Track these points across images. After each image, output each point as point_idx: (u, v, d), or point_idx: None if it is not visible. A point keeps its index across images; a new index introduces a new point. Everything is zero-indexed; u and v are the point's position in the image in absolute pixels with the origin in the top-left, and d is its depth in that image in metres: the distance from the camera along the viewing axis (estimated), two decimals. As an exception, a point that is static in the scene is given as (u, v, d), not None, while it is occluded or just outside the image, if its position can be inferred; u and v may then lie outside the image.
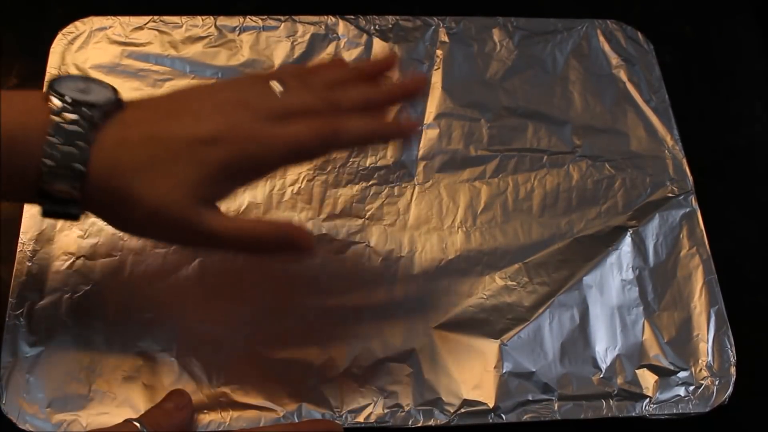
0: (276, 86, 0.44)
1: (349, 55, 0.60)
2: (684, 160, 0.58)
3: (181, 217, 0.40)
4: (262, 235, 0.42)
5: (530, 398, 0.48)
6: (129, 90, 0.56)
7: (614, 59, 0.62)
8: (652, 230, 0.54)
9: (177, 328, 0.48)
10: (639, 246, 0.54)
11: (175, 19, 0.59)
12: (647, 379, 0.49)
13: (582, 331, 0.50)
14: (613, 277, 0.52)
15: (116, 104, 0.41)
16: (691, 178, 0.57)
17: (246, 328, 0.49)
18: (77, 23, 0.58)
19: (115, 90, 0.41)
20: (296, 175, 0.54)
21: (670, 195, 0.56)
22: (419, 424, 0.47)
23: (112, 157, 0.39)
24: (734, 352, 0.50)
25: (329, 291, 0.51)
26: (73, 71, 0.56)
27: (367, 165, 0.56)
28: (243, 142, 0.41)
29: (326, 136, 0.43)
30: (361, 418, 0.47)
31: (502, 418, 0.47)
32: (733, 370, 0.50)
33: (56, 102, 0.39)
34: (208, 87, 0.45)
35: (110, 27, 0.59)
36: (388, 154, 0.56)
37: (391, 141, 0.51)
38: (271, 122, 0.42)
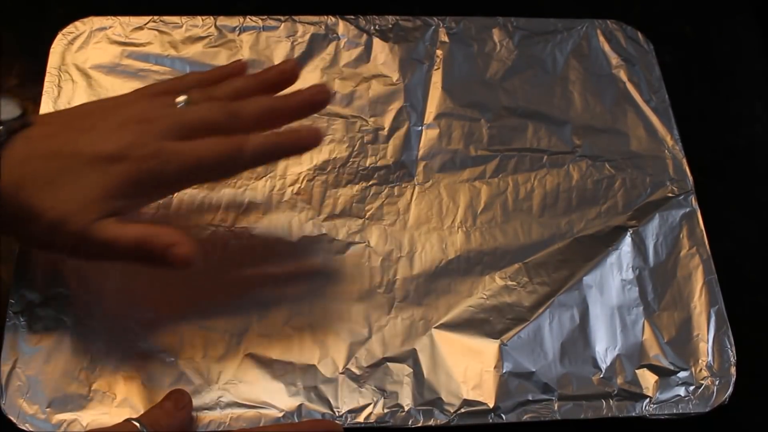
0: (180, 100, 0.45)
1: (349, 55, 0.60)
2: (684, 160, 0.58)
3: (80, 231, 0.41)
4: (148, 247, 0.42)
5: (530, 398, 0.48)
6: (129, 90, 0.56)
7: (614, 59, 0.62)
8: (652, 230, 0.54)
9: (177, 328, 0.48)
10: (639, 246, 0.54)
11: (175, 19, 0.59)
12: (647, 379, 0.49)
13: (582, 331, 0.50)
14: (613, 277, 0.52)
15: (22, 121, 0.42)
16: (691, 178, 0.57)
17: (246, 327, 0.49)
18: (77, 23, 0.58)
19: (22, 108, 0.42)
20: (296, 175, 0.54)
21: (670, 195, 0.56)
22: (419, 424, 0.47)
23: (18, 173, 0.41)
24: (734, 352, 0.50)
25: (329, 291, 0.51)
26: (73, 71, 0.56)
27: (367, 165, 0.56)
28: (145, 159, 0.42)
29: (230, 153, 0.44)
30: (361, 418, 0.47)
31: (502, 418, 0.47)
32: (733, 370, 0.50)
33: None
34: (115, 101, 0.46)
35: (110, 27, 0.59)
36: (388, 154, 0.56)
37: (296, 154, 0.51)
38: (174, 139, 0.43)
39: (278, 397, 0.47)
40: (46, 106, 0.54)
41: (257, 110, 0.46)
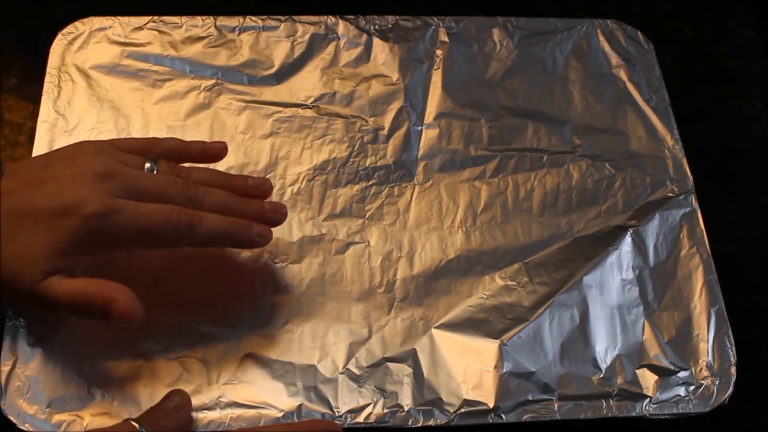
0: (147, 166, 0.45)
1: (349, 55, 0.60)
2: (684, 160, 0.58)
3: (27, 291, 0.41)
4: (89, 304, 0.42)
5: (530, 398, 0.48)
6: (129, 90, 0.56)
7: (614, 59, 0.62)
8: (652, 230, 0.54)
9: (177, 328, 0.48)
10: (639, 246, 0.54)
11: (175, 19, 0.59)
12: (647, 379, 0.49)
13: (582, 331, 0.50)
14: (613, 277, 0.52)
15: None
16: (691, 177, 0.57)
17: (246, 327, 0.49)
18: (77, 23, 0.58)
19: None
20: (296, 175, 0.54)
21: (670, 195, 0.56)
22: (419, 424, 0.47)
23: None
24: (734, 352, 0.50)
25: (329, 291, 0.51)
26: (73, 71, 0.56)
27: (367, 165, 0.55)
28: (92, 216, 0.41)
29: (181, 227, 0.43)
30: (360, 418, 0.47)
31: (502, 418, 0.47)
32: (733, 370, 0.50)
33: None
34: (82, 148, 0.46)
35: (110, 27, 0.59)
36: (388, 154, 0.56)
37: (243, 248, 0.50)
38: (128, 199, 0.43)
39: (278, 397, 0.47)
40: (45, 106, 0.55)
41: (214, 202, 0.46)
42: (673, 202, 0.56)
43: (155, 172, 0.45)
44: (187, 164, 0.49)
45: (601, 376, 0.49)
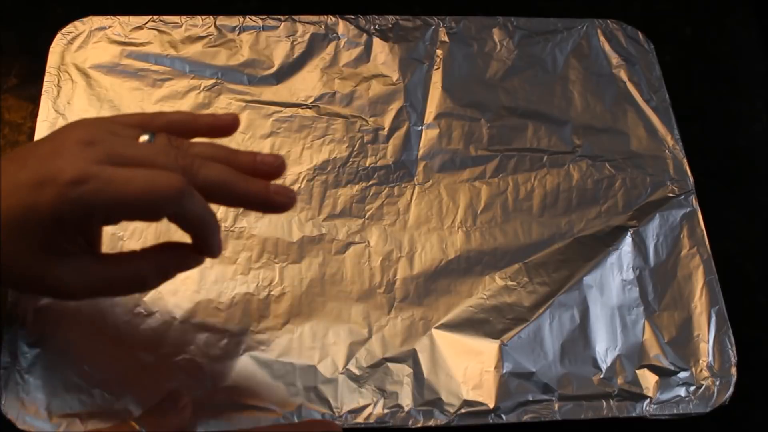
0: (143, 138, 0.41)
1: (349, 55, 0.60)
2: (684, 160, 0.58)
3: (27, 272, 0.39)
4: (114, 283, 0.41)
5: (530, 398, 0.48)
6: (129, 90, 0.56)
7: (614, 59, 0.62)
8: (652, 230, 0.54)
9: (177, 329, 0.48)
10: (639, 246, 0.54)
11: (175, 18, 0.59)
12: (647, 380, 0.49)
13: (582, 331, 0.50)
14: (614, 277, 0.52)
15: None
16: (691, 177, 0.57)
17: (246, 327, 0.49)
18: (77, 23, 0.58)
19: None
20: (296, 175, 0.54)
21: (670, 195, 0.56)
22: (419, 425, 0.47)
23: None
24: (735, 352, 0.50)
25: (329, 291, 0.51)
26: (73, 71, 0.56)
27: (367, 165, 0.55)
28: (68, 183, 0.37)
29: (165, 194, 0.38)
30: (360, 419, 0.47)
31: (502, 419, 0.47)
32: (733, 370, 0.50)
33: None
34: (73, 123, 0.42)
35: (110, 27, 0.58)
36: (388, 154, 0.56)
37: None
38: (114, 166, 0.38)
39: (278, 398, 0.47)
40: (45, 106, 0.55)
41: (214, 178, 0.41)
42: (673, 202, 0.56)
43: (150, 143, 0.41)
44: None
45: (602, 376, 0.49)
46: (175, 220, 0.40)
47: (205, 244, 0.43)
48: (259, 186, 0.42)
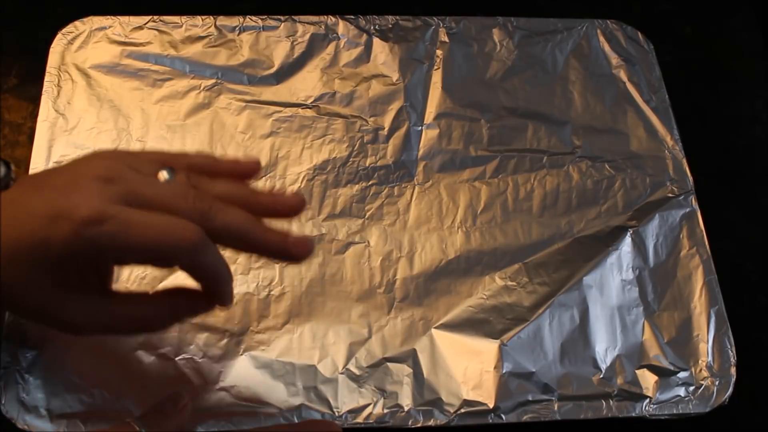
0: (163, 175, 0.40)
1: (349, 55, 0.60)
2: (684, 160, 0.58)
3: (32, 303, 0.38)
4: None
5: (530, 398, 0.48)
6: (129, 90, 0.56)
7: (614, 59, 0.62)
8: (652, 230, 0.54)
9: (177, 329, 0.48)
10: (639, 246, 0.54)
11: (175, 18, 0.59)
12: (647, 380, 0.49)
13: (582, 332, 0.50)
14: (613, 277, 0.52)
15: (5, 183, 0.40)
16: (691, 178, 0.57)
17: (246, 327, 0.49)
18: (77, 23, 0.58)
19: (8, 167, 0.40)
20: (296, 175, 0.54)
21: (670, 195, 0.56)
22: (419, 425, 0.47)
23: None
24: (734, 352, 0.50)
25: (329, 291, 0.51)
26: (73, 71, 0.56)
27: (367, 165, 0.55)
28: (84, 221, 0.36)
29: (181, 243, 0.37)
30: (360, 419, 0.47)
31: (502, 419, 0.47)
32: (733, 370, 0.50)
33: None
34: (93, 155, 0.42)
35: (110, 27, 0.58)
36: (388, 154, 0.56)
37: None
38: (131, 207, 0.37)
39: (278, 398, 0.47)
40: (45, 106, 0.55)
41: (232, 226, 0.40)
42: (673, 203, 0.56)
43: (170, 182, 0.40)
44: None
45: (601, 376, 0.49)
46: (187, 270, 0.40)
47: (215, 294, 0.42)
48: (277, 237, 0.41)
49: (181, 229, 0.37)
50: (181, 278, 0.43)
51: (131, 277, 0.49)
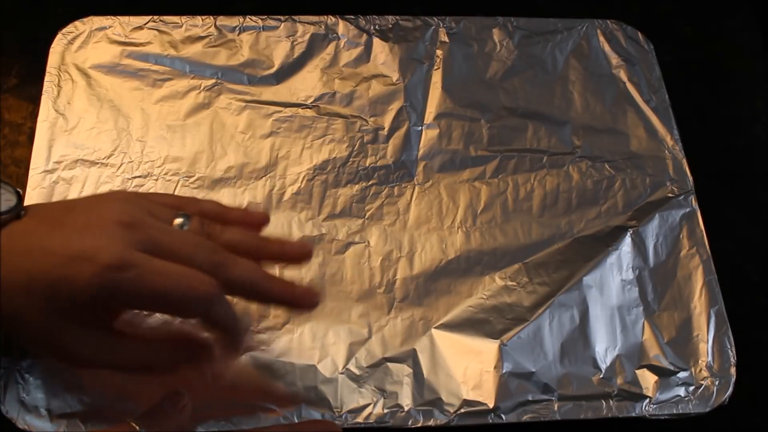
0: (178, 221, 0.42)
1: (349, 55, 0.60)
2: (684, 160, 0.58)
3: (39, 333, 0.39)
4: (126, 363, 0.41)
5: (530, 398, 0.48)
6: (129, 90, 0.56)
7: (614, 59, 0.62)
8: (652, 230, 0.54)
9: (177, 329, 0.48)
10: (639, 246, 0.54)
11: (175, 18, 0.59)
12: (647, 380, 0.49)
13: (582, 332, 0.50)
14: (613, 277, 0.52)
15: (16, 212, 0.40)
16: (691, 178, 0.57)
17: (246, 327, 0.49)
18: (77, 23, 0.58)
19: (18, 196, 0.40)
20: (296, 175, 0.54)
21: (670, 195, 0.56)
22: (419, 425, 0.47)
23: None
24: (734, 352, 0.50)
25: (329, 291, 0.51)
26: (73, 71, 0.56)
27: (367, 165, 0.55)
28: (107, 267, 0.37)
29: (199, 297, 0.39)
30: (360, 419, 0.47)
31: (502, 419, 0.47)
32: (733, 370, 0.50)
33: None
34: (109, 197, 0.44)
35: (110, 27, 0.59)
36: (388, 154, 0.56)
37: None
38: (151, 255, 0.39)
39: (278, 397, 0.47)
40: (45, 106, 0.55)
41: (243, 278, 0.42)
42: (673, 203, 0.56)
43: (185, 228, 0.42)
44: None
45: (601, 376, 0.49)
46: (201, 320, 0.42)
47: (226, 343, 0.44)
48: (284, 288, 0.44)
49: (199, 282, 0.39)
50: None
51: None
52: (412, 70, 0.60)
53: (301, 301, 0.44)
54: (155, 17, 0.59)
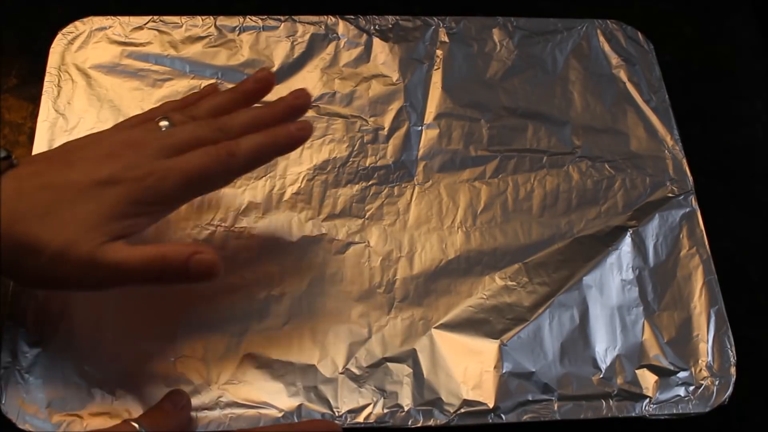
0: (163, 123, 0.45)
1: (349, 55, 0.60)
2: (684, 160, 0.58)
3: (86, 258, 0.40)
4: (165, 262, 0.42)
5: (530, 398, 0.48)
6: (129, 90, 0.56)
7: (614, 59, 0.62)
8: (652, 230, 0.54)
9: (177, 328, 0.48)
10: (639, 246, 0.54)
11: (175, 19, 0.59)
12: (647, 379, 0.49)
13: (582, 331, 0.50)
14: (613, 277, 0.52)
15: (8, 162, 0.42)
16: (691, 178, 0.57)
17: (246, 327, 0.49)
18: (77, 23, 0.58)
19: (7, 150, 0.42)
20: (296, 175, 0.54)
21: (670, 195, 0.56)
22: (419, 425, 0.47)
23: (11, 208, 0.40)
24: (734, 352, 0.50)
25: (329, 291, 0.51)
26: (73, 71, 0.56)
27: (367, 165, 0.55)
28: (141, 178, 0.42)
29: (222, 159, 0.44)
30: (360, 418, 0.47)
31: (502, 418, 0.47)
32: (733, 370, 0.50)
33: None
34: (96, 136, 0.46)
35: (110, 27, 0.59)
36: (388, 154, 0.56)
37: (288, 150, 0.49)
38: (166, 157, 0.43)
39: (278, 397, 0.47)
40: (45, 106, 0.55)
41: (242, 122, 0.46)
42: (672, 203, 0.56)
43: (173, 126, 0.45)
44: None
45: (601, 376, 0.49)
46: (245, 171, 0.47)
47: (284, 151, 0.49)
48: (281, 104, 0.49)
49: (215, 151, 0.44)
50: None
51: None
52: (412, 70, 0.60)
53: (298, 102, 0.49)
54: (155, 17, 0.59)
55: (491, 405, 0.47)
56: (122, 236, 0.42)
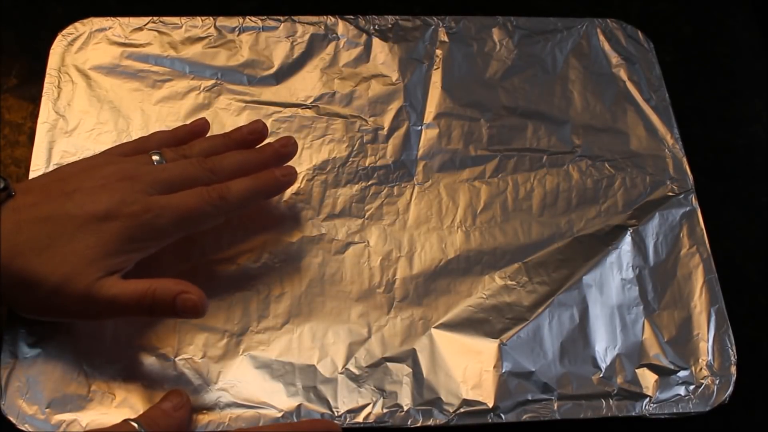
0: (155, 158, 0.47)
1: (349, 55, 0.60)
2: (684, 159, 0.57)
3: (84, 291, 0.42)
4: (155, 299, 0.43)
5: (530, 398, 0.48)
6: (129, 91, 0.56)
7: (614, 58, 0.62)
8: (652, 229, 0.54)
9: (176, 328, 0.48)
10: (639, 245, 0.54)
11: (175, 19, 0.59)
12: (647, 379, 0.49)
13: (582, 331, 0.50)
14: (613, 277, 0.52)
15: (6, 192, 0.43)
16: (691, 177, 0.57)
17: (245, 327, 0.49)
18: (77, 24, 0.58)
19: (4, 179, 0.43)
20: (296, 175, 0.54)
21: (670, 194, 0.56)
22: (418, 424, 0.47)
23: (11, 241, 0.41)
24: (735, 351, 0.50)
25: (329, 291, 0.51)
26: (73, 72, 0.56)
27: (367, 165, 0.56)
28: (137, 214, 0.44)
29: (214, 201, 0.46)
30: (360, 418, 0.47)
31: (502, 418, 0.47)
32: (733, 369, 0.50)
33: None
34: (89, 163, 0.47)
35: (110, 28, 0.59)
36: (388, 154, 0.56)
37: (274, 195, 0.52)
38: (158, 192, 0.45)
39: (277, 397, 0.47)
40: (45, 108, 0.55)
41: (232, 165, 0.48)
42: (673, 202, 0.56)
43: (165, 161, 0.47)
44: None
45: (601, 375, 0.49)
46: (231, 213, 0.48)
47: (270, 195, 0.51)
48: (269, 151, 0.51)
49: (207, 192, 0.46)
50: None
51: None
52: (412, 69, 0.60)
53: (285, 150, 0.51)
54: (155, 18, 0.59)
55: (491, 405, 0.47)
56: (116, 271, 0.43)
